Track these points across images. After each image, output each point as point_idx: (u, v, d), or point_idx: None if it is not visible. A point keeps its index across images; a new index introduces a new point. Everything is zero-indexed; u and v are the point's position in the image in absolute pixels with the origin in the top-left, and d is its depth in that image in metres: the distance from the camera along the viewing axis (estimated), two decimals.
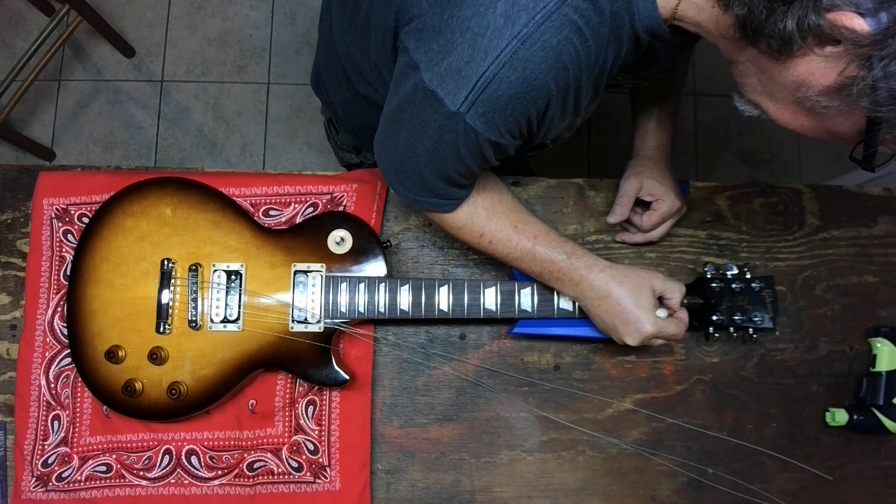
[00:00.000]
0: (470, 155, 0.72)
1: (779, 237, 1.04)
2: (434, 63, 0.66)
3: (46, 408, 0.94)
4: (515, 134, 0.71)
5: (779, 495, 0.96)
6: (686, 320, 0.89)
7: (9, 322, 0.98)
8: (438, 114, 0.68)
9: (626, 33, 0.67)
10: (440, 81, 0.66)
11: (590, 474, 0.97)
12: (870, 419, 0.96)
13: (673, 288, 0.87)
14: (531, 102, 0.67)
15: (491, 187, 0.86)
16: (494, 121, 0.68)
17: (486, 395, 0.98)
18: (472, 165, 0.75)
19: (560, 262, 0.85)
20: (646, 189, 0.96)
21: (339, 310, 0.91)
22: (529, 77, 0.64)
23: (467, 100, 0.66)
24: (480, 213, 0.85)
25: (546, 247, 0.85)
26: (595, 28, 0.64)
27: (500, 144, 0.71)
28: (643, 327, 0.84)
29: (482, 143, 0.70)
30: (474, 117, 0.67)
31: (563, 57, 0.64)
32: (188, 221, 0.93)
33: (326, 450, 0.94)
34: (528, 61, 0.63)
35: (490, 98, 0.65)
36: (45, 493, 0.92)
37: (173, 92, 2.04)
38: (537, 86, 0.65)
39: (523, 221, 0.86)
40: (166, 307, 0.91)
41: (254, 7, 2.08)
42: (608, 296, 0.85)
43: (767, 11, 0.57)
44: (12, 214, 1.01)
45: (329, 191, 1.00)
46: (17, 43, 2.02)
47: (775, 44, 0.58)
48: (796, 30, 0.56)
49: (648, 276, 0.86)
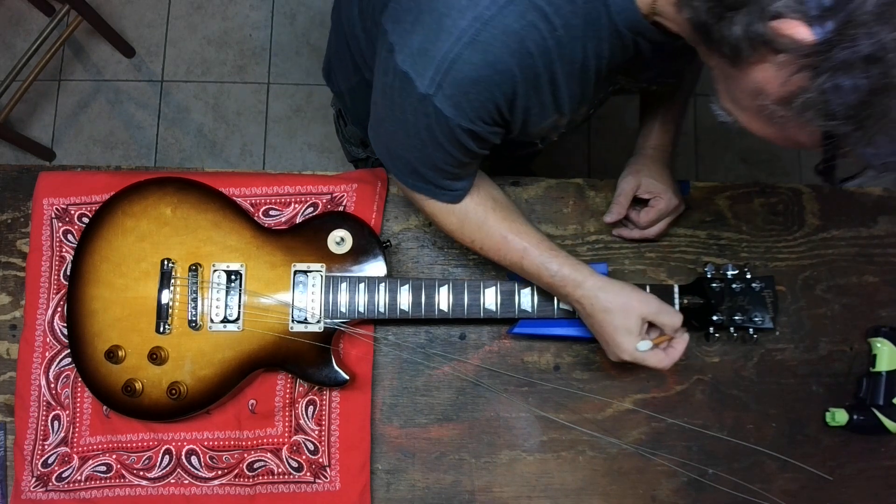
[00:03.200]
0: (449, 142, 0.71)
1: (779, 237, 1.04)
2: (405, 44, 0.66)
3: (46, 408, 0.94)
4: (487, 120, 0.70)
5: (779, 495, 0.96)
6: (678, 353, 0.84)
7: (9, 322, 0.98)
8: (412, 96, 0.67)
9: (604, 27, 0.65)
10: (412, 63, 0.66)
11: (590, 474, 0.97)
12: (870, 419, 0.96)
13: (664, 321, 0.83)
14: (495, 87, 0.66)
15: (485, 193, 0.85)
16: (461, 105, 0.67)
17: (486, 395, 0.98)
18: (455, 153, 0.74)
19: (547, 277, 0.84)
20: (644, 187, 0.96)
21: (339, 310, 0.91)
22: (491, 60, 0.63)
23: (433, 81, 0.65)
24: (472, 220, 0.84)
25: (536, 259, 0.84)
26: (565, 17, 0.63)
27: (475, 132, 0.70)
28: (620, 354, 0.83)
29: (455, 129, 0.69)
30: (442, 100, 0.66)
31: (527, 42, 0.63)
32: (188, 221, 0.93)
33: (326, 450, 0.94)
34: (490, 44, 0.62)
35: (454, 80, 0.65)
36: (45, 493, 0.92)
37: (173, 92, 2.03)
38: (500, 70, 0.64)
39: (514, 231, 0.84)
40: (166, 307, 0.91)
41: (254, 7, 2.08)
42: (593, 315, 0.84)
43: (716, 17, 0.55)
44: (12, 214, 1.01)
45: (329, 191, 1.00)
46: (17, 43, 2.02)
47: (727, 50, 0.56)
48: (744, 37, 0.54)
49: (639, 302, 0.82)
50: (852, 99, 0.51)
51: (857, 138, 0.53)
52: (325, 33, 2.06)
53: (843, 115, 0.52)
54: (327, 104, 2.04)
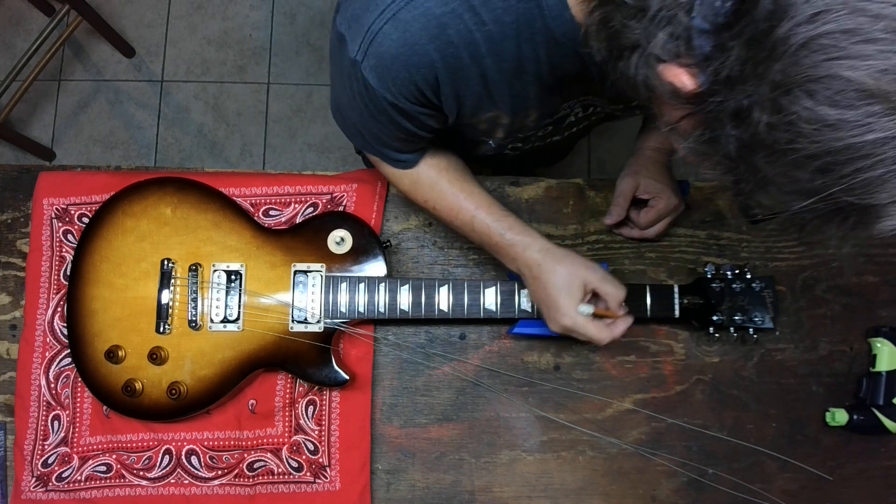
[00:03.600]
0: (379, 113, 0.71)
1: (779, 237, 1.04)
2: (345, 6, 0.68)
3: (46, 408, 0.94)
4: (412, 99, 0.69)
5: (779, 495, 0.96)
6: (619, 331, 0.83)
7: (9, 322, 0.98)
8: (346, 59, 0.68)
9: (538, 31, 0.63)
10: (347, 25, 0.67)
11: (590, 474, 0.97)
12: (870, 419, 0.96)
13: (608, 289, 0.82)
14: (413, 67, 0.66)
15: (440, 156, 0.86)
16: (384, 78, 0.67)
17: (486, 395, 0.98)
18: (388, 126, 0.74)
19: (496, 237, 0.84)
20: (643, 187, 0.96)
21: (339, 310, 0.91)
22: (410, 40, 0.63)
23: (361, 49, 0.66)
24: (423, 181, 0.85)
25: (486, 219, 0.84)
26: (496, 13, 0.62)
27: (401, 108, 0.70)
28: (560, 318, 0.82)
29: (380, 101, 0.69)
30: (367, 69, 0.67)
31: (448, 30, 0.63)
32: (188, 221, 0.93)
33: (326, 450, 0.94)
34: (409, 24, 0.63)
35: (376, 52, 0.65)
36: (45, 493, 0.92)
37: (173, 92, 2.03)
38: (418, 52, 0.64)
39: (467, 192, 0.85)
40: (166, 307, 0.91)
41: (254, 7, 2.08)
42: (538, 278, 0.83)
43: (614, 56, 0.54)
44: (12, 214, 1.01)
45: (329, 191, 1.00)
46: (17, 43, 2.02)
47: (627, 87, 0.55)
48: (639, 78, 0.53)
49: (584, 268, 0.82)
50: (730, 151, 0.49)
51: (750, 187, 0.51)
52: (325, 33, 2.07)
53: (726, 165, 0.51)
54: (327, 104, 2.05)
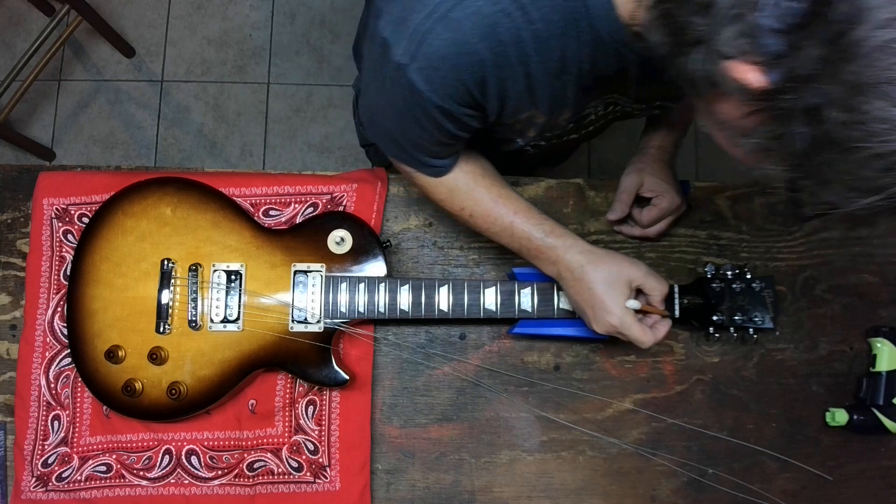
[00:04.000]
0: (424, 117, 0.71)
1: (779, 237, 1.04)
2: (388, 10, 0.66)
3: (46, 408, 0.94)
4: (458, 100, 0.69)
5: (779, 495, 0.96)
6: (662, 333, 0.84)
7: (9, 322, 0.98)
8: (389, 65, 0.67)
9: (584, 30, 0.64)
10: (392, 30, 0.66)
11: (590, 474, 0.97)
12: (870, 419, 0.96)
13: (653, 283, 0.83)
14: (464, 68, 0.65)
15: (473, 161, 0.85)
16: (432, 80, 0.66)
17: (486, 395, 0.98)
18: (431, 131, 0.73)
19: (537, 240, 0.84)
20: (646, 186, 0.96)
21: (339, 310, 0.91)
22: (461, 39, 0.63)
23: (407, 52, 0.65)
24: (461, 187, 0.84)
25: (525, 223, 0.84)
26: (544, 11, 0.62)
27: (448, 110, 0.70)
28: (607, 317, 0.82)
29: (427, 105, 0.69)
30: (415, 72, 0.66)
31: (499, 29, 0.63)
32: (188, 221, 0.93)
33: (326, 450, 0.94)
34: (461, 23, 0.62)
35: (426, 53, 0.64)
36: (45, 493, 0.92)
37: (173, 92, 2.04)
38: (468, 51, 0.64)
39: (504, 197, 0.85)
40: (166, 307, 0.91)
41: (254, 7, 2.08)
42: (581, 279, 0.83)
43: (673, 52, 0.55)
44: (12, 214, 1.01)
45: (329, 191, 1.00)
46: (17, 43, 2.02)
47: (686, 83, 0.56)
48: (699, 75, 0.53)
49: (628, 265, 0.83)
50: (797, 148, 0.50)
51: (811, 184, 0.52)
52: (325, 33, 2.07)
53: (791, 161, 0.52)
54: (327, 104, 2.05)
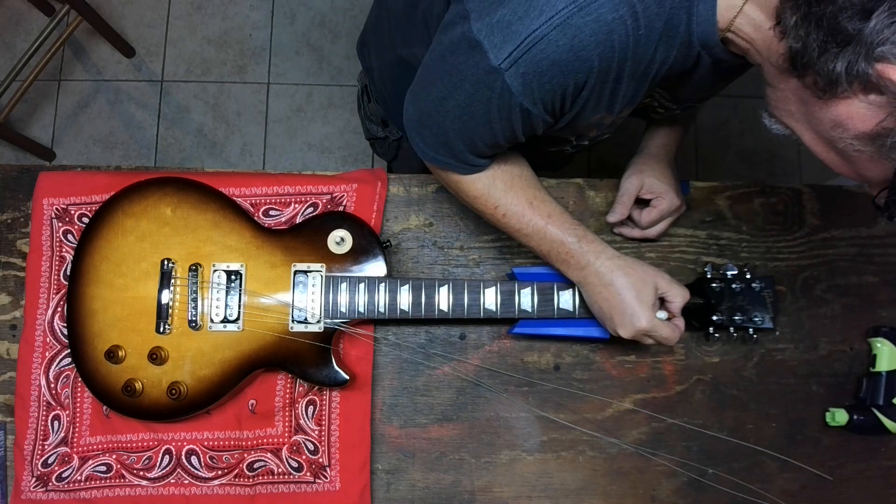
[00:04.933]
0: (499, 119, 0.72)
1: (779, 237, 1.04)
2: (486, 13, 0.66)
3: (46, 408, 0.94)
4: (548, 107, 0.70)
5: (779, 495, 0.96)
6: (682, 329, 0.87)
7: (9, 322, 0.98)
8: (479, 67, 0.67)
9: (679, 35, 0.67)
10: (488, 33, 0.66)
11: (590, 474, 0.97)
12: (870, 419, 0.96)
13: (676, 291, 0.86)
14: (571, 74, 0.66)
15: (512, 161, 0.86)
16: (531, 85, 0.67)
17: (486, 395, 0.98)
18: (497, 133, 0.74)
19: (570, 245, 0.85)
20: (646, 187, 0.96)
21: (339, 310, 0.91)
22: (577, 46, 0.64)
23: (511, 56, 0.65)
24: (498, 185, 0.84)
25: (558, 227, 0.85)
26: (651, 18, 0.64)
27: (531, 114, 0.71)
28: (638, 321, 0.83)
29: (513, 108, 0.69)
30: (513, 76, 0.66)
31: (614, 36, 0.64)
32: (188, 221, 0.93)
33: (326, 450, 0.94)
34: (580, 30, 0.63)
35: (534, 59, 0.65)
36: (45, 493, 0.92)
37: (173, 92, 2.04)
38: (582, 57, 0.65)
39: (539, 199, 0.85)
40: (166, 307, 0.91)
41: (254, 7, 2.08)
42: (611, 284, 0.84)
43: (820, 50, 0.57)
44: (12, 214, 1.01)
45: (329, 191, 1.00)
46: (17, 43, 2.02)
47: (821, 82, 0.58)
48: (844, 73, 0.56)
49: (654, 273, 0.85)
50: None
51: None
52: (325, 33, 2.07)
53: None
54: (327, 104, 2.05)
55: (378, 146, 1.24)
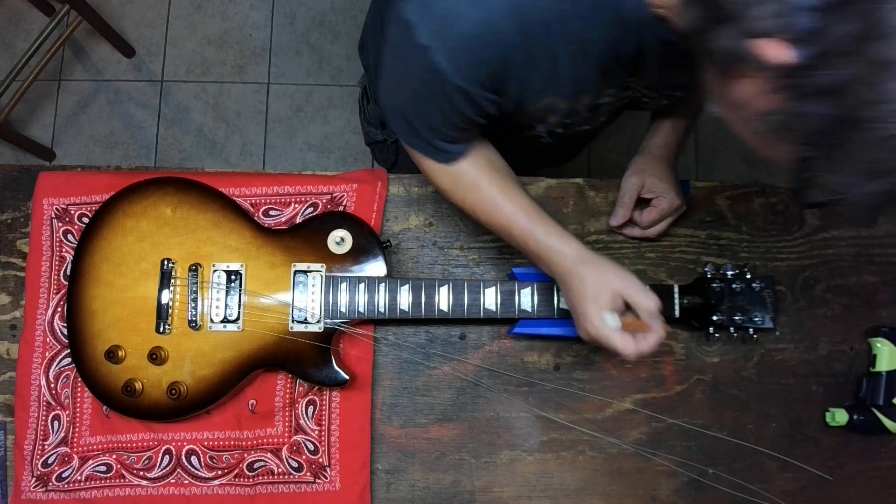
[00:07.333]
0: (443, 99, 0.71)
1: (779, 237, 1.04)
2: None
3: (46, 408, 0.94)
4: (484, 83, 0.70)
5: (779, 495, 0.96)
6: (648, 346, 0.79)
7: (9, 322, 0.98)
8: (412, 47, 0.67)
9: (609, 12, 0.65)
10: (416, 11, 0.66)
11: (590, 474, 0.97)
12: (870, 419, 0.96)
13: (638, 299, 0.79)
14: (490, 46, 0.66)
15: (484, 153, 0.85)
16: (457, 61, 0.67)
17: (486, 395, 0.98)
18: (448, 114, 0.73)
19: (532, 243, 0.83)
20: (647, 187, 0.96)
21: (339, 310, 0.91)
22: (489, 19, 0.63)
23: (433, 32, 0.65)
24: (465, 181, 0.83)
25: (525, 223, 0.82)
26: None
27: (468, 93, 0.70)
28: (586, 326, 0.80)
29: (448, 86, 0.69)
30: (440, 53, 0.66)
31: (527, 8, 0.63)
32: (188, 221, 0.93)
33: (326, 450, 0.94)
34: (490, 3, 0.63)
35: (452, 34, 0.65)
36: (45, 493, 0.92)
37: (173, 92, 2.04)
38: (496, 31, 0.64)
39: (508, 192, 0.83)
40: (166, 307, 0.91)
41: (254, 7, 2.08)
42: (570, 283, 0.81)
43: (705, 27, 0.55)
44: (12, 214, 1.01)
45: (329, 191, 1.00)
46: (17, 43, 2.02)
47: (714, 60, 0.57)
48: (727, 51, 0.54)
49: (615, 276, 0.79)
50: (817, 126, 0.51)
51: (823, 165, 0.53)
52: (325, 33, 2.07)
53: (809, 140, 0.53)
54: (327, 104, 2.05)
55: (378, 151, 1.24)
